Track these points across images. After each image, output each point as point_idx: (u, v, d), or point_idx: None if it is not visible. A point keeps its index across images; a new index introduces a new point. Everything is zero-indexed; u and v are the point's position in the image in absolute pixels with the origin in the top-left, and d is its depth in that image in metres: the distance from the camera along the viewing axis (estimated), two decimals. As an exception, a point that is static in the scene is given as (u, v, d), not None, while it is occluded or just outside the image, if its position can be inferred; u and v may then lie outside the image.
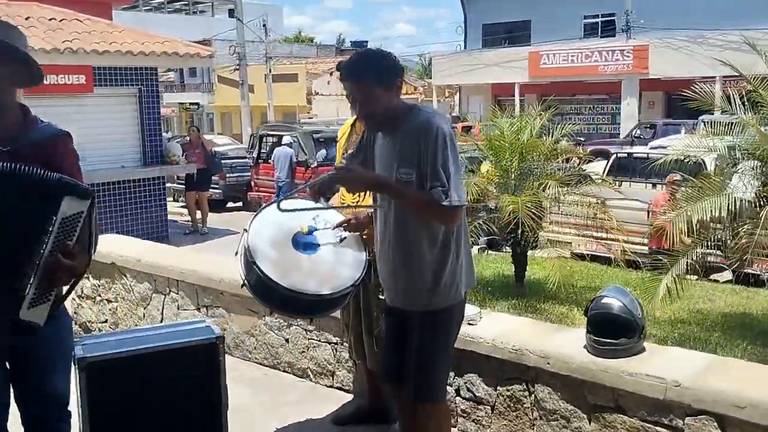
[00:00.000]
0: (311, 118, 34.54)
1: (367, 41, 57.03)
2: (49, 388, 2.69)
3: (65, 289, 2.52)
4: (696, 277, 6.39)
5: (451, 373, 3.73)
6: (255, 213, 3.42)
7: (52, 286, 2.36)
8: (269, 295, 3.26)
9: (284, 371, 4.57)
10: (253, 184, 15.78)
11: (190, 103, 40.50)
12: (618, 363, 3.16)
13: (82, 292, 6.00)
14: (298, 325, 4.45)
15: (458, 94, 32.08)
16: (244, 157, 17.02)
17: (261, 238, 3.30)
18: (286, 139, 14.99)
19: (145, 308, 5.41)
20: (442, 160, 2.61)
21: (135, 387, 3.11)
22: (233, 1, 30.94)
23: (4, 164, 2.27)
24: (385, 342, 3.12)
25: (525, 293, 6.89)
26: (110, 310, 5.72)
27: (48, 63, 9.48)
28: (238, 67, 31.88)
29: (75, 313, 6.12)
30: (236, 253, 3.42)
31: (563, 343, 3.44)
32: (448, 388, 3.74)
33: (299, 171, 14.82)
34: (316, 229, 3.33)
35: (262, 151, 15.80)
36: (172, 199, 16.38)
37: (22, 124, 2.49)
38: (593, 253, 8.66)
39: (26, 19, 10.05)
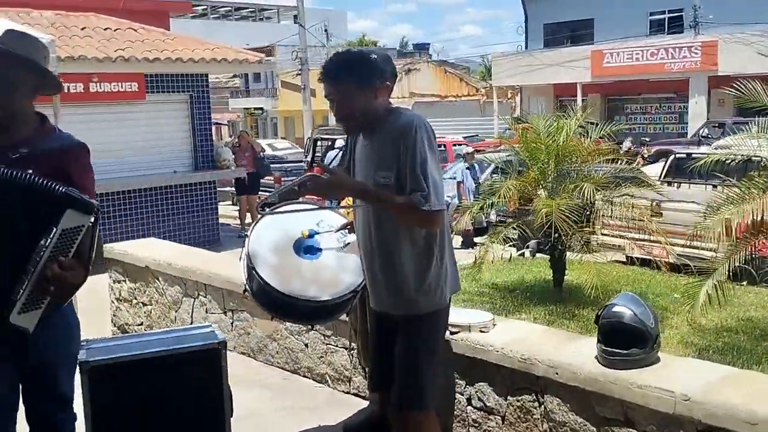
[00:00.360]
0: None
1: (429, 44, 57.09)
2: (54, 388, 2.74)
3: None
4: (745, 282, 6.09)
5: (462, 382, 3.67)
6: (257, 219, 3.42)
7: (44, 294, 2.38)
8: (270, 301, 3.25)
9: (304, 376, 4.56)
10: (306, 187, 15.90)
11: (255, 108, 41.27)
12: (628, 374, 3.02)
13: (120, 294, 6.15)
14: (316, 330, 4.43)
15: (519, 94, 31.63)
16: (300, 161, 17.19)
17: (262, 243, 3.29)
18: (338, 143, 15.06)
19: (176, 311, 5.50)
20: (421, 163, 2.55)
21: (137, 391, 3.14)
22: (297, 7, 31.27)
23: (8, 171, 2.30)
24: (373, 348, 3.07)
25: (564, 298, 6.71)
26: (145, 312, 5.84)
27: (101, 71, 9.84)
28: (300, 72, 32.33)
29: (114, 315, 6.29)
30: (240, 259, 3.42)
31: (575, 352, 3.31)
32: (458, 396, 3.69)
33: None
34: (316, 233, 3.30)
35: (317, 154, 15.91)
36: (231, 202, 16.69)
37: (37, 132, 2.52)
38: (647, 257, 8.37)
39: (82, 29, 10.40)
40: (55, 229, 2.29)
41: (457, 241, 9.73)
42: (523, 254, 8.72)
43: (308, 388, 4.45)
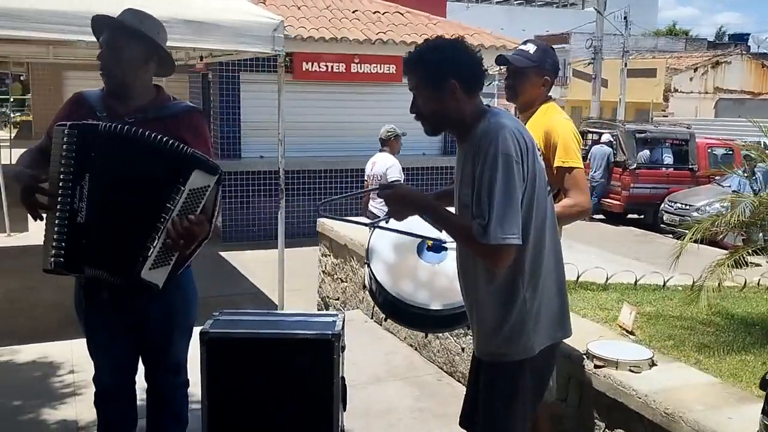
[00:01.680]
0: (666, 116, 32.27)
1: (749, 34, 51.25)
2: (168, 356, 2.91)
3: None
4: None
5: (601, 424, 3.19)
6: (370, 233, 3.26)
7: (173, 250, 2.49)
8: (381, 299, 3.09)
9: (458, 380, 4.33)
10: (568, 181, 15.22)
11: (543, 96, 40.55)
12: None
13: (325, 268, 6.41)
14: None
15: None
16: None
17: (385, 239, 3.13)
18: (605, 137, 14.22)
19: (365, 293, 5.56)
20: (488, 187, 2.13)
21: (249, 368, 3.19)
22: (599, -8, 29.94)
23: (139, 130, 2.43)
24: (468, 382, 2.74)
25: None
26: (341, 289, 6.01)
27: (361, 53, 10.29)
28: (592, 60, 31.08)
29: (320, 287, 6.57)
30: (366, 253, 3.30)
31: (731, 418, 2.68)
32: (596, 439, 3.21)
33: (616, 172, 13.97)
34: (443, 243, 3.03)
35: (582, 147, 15.14)
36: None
37: (152, 102, 2.67)
38: None
39: (353, 12, 10.96)
40: (182, 189, 2.40)
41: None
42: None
43: (459, 393, 4.19)
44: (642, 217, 14.13)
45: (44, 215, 2.46)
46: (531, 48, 3.07)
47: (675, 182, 13.76)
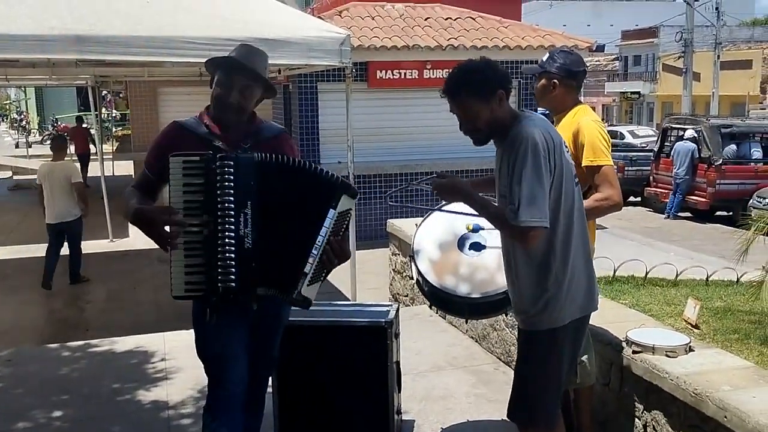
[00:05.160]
0: (763, 108, 30.91)
1: None
2: (274, 351, 3.09)
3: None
4: None
5: (640, 406, 3.37)
6: (424, 217, 3.55)
7: (326, 267, 2.66)
8: (430, 294, 3.38)
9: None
10: (651, 179, 15.00)
11: (631, 92, 39.65)
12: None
13: (395, 266, 6.73)
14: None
15: None
16: (649, 150, 16.23)
17: (428, 237, 3.44)
18: (688, 133, 13.94)
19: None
20: (519, 175, 2.49)
21: (312, 353, 3.55)
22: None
23: (298, 161, 2.67)
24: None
25: None
26: (410, 286, 6.31)
27: (433, 59, 10.58)
28: (683, 54, 30.20)
29: (390, 284, 6.90)
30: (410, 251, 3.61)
31: (756, 398, 2.82)
32: (636, 421, 3.39)
33: (701, 168, 13.67)
34: (481, 228, 3.32)
35: (666, 144, 14.90)
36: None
37: (252, 126, 2.86)
38: None
39: (425, 19, 11.27)
40: (333, 211, 2.60)
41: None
42: None
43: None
44: (730, 214, 13.75)
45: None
46: (544, 56, 3.33)
47: (765, 177, 13.36)
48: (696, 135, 13.83)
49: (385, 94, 10.80)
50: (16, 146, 27.44)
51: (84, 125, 18.51)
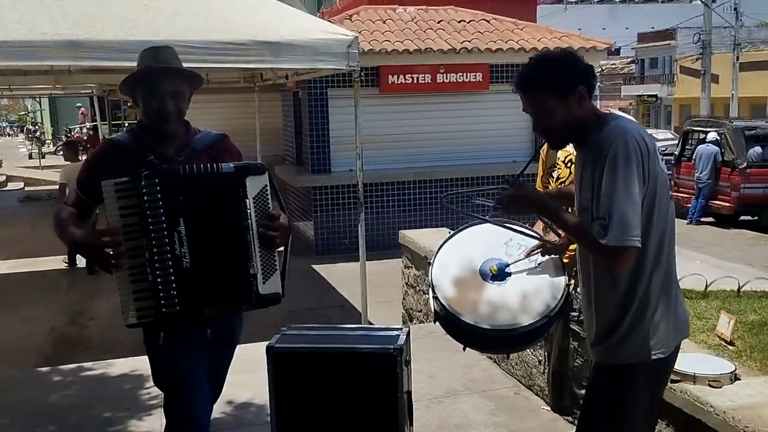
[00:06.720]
0: (784, 110, 30.36)
1: None
2: (224, 374, 2.94)
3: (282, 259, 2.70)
4: None
5: (679, 442, 3.02)
6: (443, 241, 3.21)
7: (272, 254, 2.57)
8: (454, 330, 3.04)
9: (536, 394, 4.22)
10: (672, 183, 14.58)
11: (648, 96, 39.14)
12: None
13: (408, 280, 6.41)
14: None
15: None
16: (669, 154, 15.82)
17: (445, 271, 3.09)
18: (711, 136, 13.53)
19: (445, 304, 5.51)
20: (608, 187, 2.14)
21: (313, 382, 3.22)
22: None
23: (186, 169, 2.49)
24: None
25: None
26: (423, 301, 5.98)
27: (447, 62, 10.27)
28: (701, 56, 29.71)
29: (403, 298, 6.57)
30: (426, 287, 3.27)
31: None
32: (673, 458, 3.05)
33: (724, 172, 13.26)
34: (507, 265, 2.96)
35: (687, 147, 14.49)
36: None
37: (188, 136, 2.72)
38: None
39: (438, 22, 10.95)
40: (248, 200, 2.49)
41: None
42: None
43: (535, 407, 4.11)
44: (756, 218, 13.33)
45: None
46: None
47: (791, 180, 12.93)
48: (719, 138, 13.42)
49: (398, 99, 10.48)
50: (30, 157, 27.42)
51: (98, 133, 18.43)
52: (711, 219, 13.69)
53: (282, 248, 2.66)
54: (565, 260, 2.94)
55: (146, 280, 2.43)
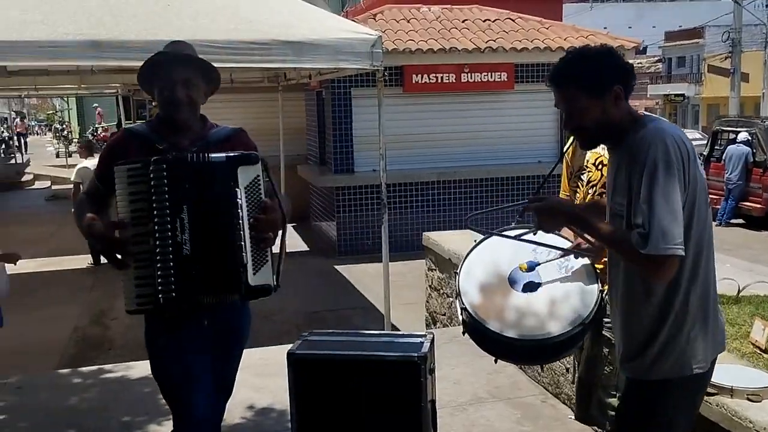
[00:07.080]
0: (817, 109, 29.75)
1: None
2: (232, 372, 2.85)
3: (276, 249, 2.64)
4: None
5: (714, 457, 2.89)
6: (470, 249, 3.10)
7: (264, 245, 2.54)
8: (482, 340, 2.94)
9: (563, 402, 4.10)
10: (701, 184, 14.32)
11: (675, 95, 38.62)
12: None
13: (432, 282, 6.31)
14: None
15: None
16: (698, 155, 15.53)
17: (472, 279, 2.98)
18: (741, 136, 13.25)
19: (470, 308, 5.41)
20: (647, 194, 2.03)
21: (334, 389, 3.15)
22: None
23: (186, 158, 2.48)
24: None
25: None
26: (447, 304, 5.89)
27: (472, 62, 10.14)
28: (730, 54, 29.21)
29: (427, 301, 6.48)
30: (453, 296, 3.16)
31: None
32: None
33: (755, 173, 12.98)
34: (537, 264, 2.85)
35: (716, 148, 14.22)
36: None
37: (204, 129, 2.71)
38: None
39: (463, 21, 10.83)
40: (238, 190, 2.47)
41: None
42: None
43: (562, 417, 3.99)
44: (789, 221, 13.05)
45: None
46: None
47: (825, 182, 12.63)
48: (750, 138, 13.15)
49: (422, 99, 10.37)
50: (57, 156, 27.71)
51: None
52: (740, 221, 13.42)
53: (279, 239, 2.60)
54: (599, 266, 2.83)
55: (149, 266, 2.43)
